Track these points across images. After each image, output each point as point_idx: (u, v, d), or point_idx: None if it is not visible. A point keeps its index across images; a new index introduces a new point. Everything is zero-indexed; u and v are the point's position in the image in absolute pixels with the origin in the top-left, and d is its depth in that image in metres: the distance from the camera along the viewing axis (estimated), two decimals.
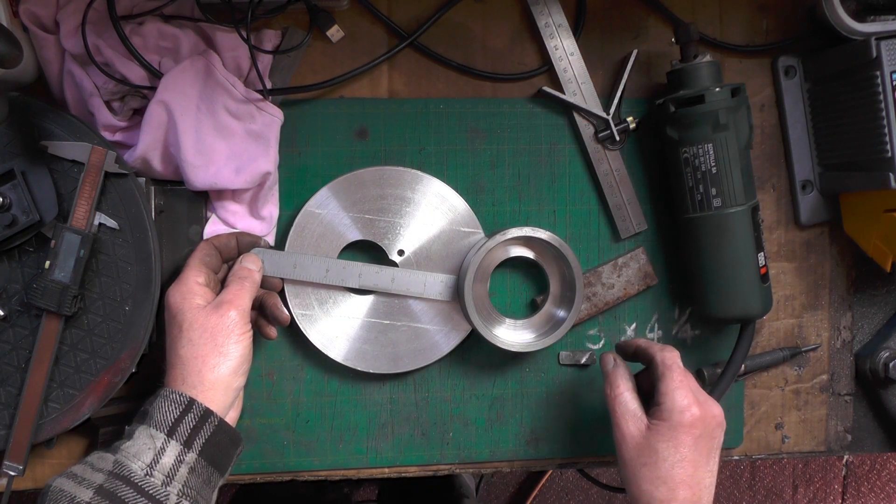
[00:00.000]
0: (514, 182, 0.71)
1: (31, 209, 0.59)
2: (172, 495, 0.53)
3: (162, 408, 0.55)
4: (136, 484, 0.52)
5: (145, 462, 0.53)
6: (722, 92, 0.63)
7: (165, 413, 0.55)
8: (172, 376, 0.58)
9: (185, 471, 0.54)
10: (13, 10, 0.60)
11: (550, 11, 0.68)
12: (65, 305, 0.59)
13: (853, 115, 0.66)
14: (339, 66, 0.68)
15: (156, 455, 0.53)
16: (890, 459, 1.75)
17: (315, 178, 0.68)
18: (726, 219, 0.65)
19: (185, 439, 0.54)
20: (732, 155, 0.64)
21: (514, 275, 0.72)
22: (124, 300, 0.62)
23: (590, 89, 0.70)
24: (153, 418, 0.55)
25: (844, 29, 0.66)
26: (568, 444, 0.74)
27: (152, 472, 0.53)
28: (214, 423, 0.56)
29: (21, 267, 0.61)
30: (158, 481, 0.53)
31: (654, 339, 0.74)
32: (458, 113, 0.70)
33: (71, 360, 0.61)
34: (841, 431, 0.77)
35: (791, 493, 1.74)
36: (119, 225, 0.61)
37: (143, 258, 0.62)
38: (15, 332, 0.61)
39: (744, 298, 0.67)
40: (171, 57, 0.63)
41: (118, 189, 0.61)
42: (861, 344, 0.77)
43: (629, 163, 0.71)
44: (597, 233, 0.72)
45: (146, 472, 0.53)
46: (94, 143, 0.60)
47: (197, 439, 0.55)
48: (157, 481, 0.53)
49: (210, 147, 0.62)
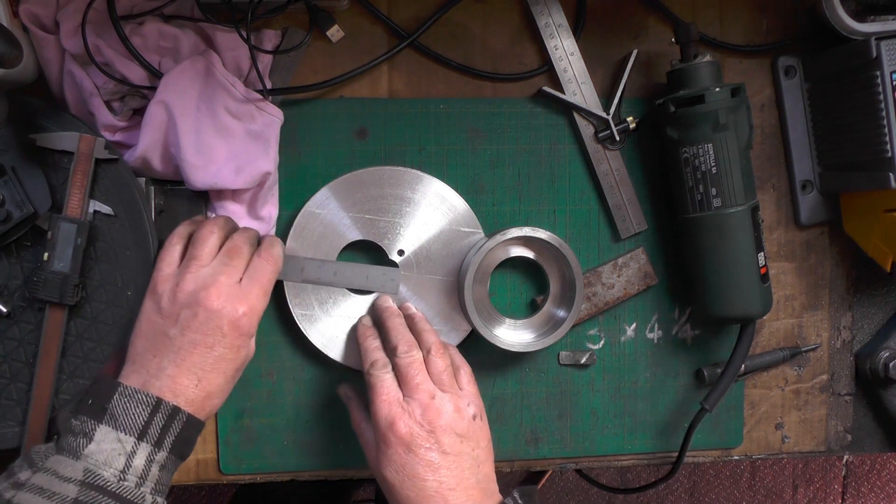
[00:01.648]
0: (514, 182, 0.71)
1: (24, 203, 0.59)
2: (147, 494, 0.52)
3: (129, 409, 0.53)
4: (113, 492, 0.51)
5: (117, 468, 0.52)
6: (722, 92, 0.63)
7: (133, 415, 0.53)
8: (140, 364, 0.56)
9: (156, 469, 0.53)
10: (13, 10, 0.60)
11: (550, 11, 0.68)
12: (67, 295, 0.59)
13: (853, 115, 0.66)
14: (339, 66, 0.68)
15: (127, 459, 0.52)
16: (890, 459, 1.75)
17: (315, 178, 0.68)
18: (726, 219, 0.65)
19: (155, 440, 0.53)
20: (732, 155, 0.64)
21: (514, 275, 0.72)
22: (125, 285, 0.62)
23: (590, 89, 0.70)
24: (118, 420, 0.53)
25: (844, 29, 0.66)
26: (568, 444, 0.74)
27: (125, 476, 0.52)
28: (183, 420, 0.54)
29: (20, 262, 0.61)
30: (132, 484, 0.52)
31: (654, 339, 0.74)
32: (458, 113, 0.70)
33: (78, 349, 0.62)
34: (841, 431, 0.77)
35: (791, 493, 1.74)
36: (114, 210, 0.61)
37: (141, 241, 0.62)
38: (20, 327, 0.61)
39: (744, 298, 0.67)
40: (171, 57, 0.63)
41: (109, 175, 0.61)
42: (861, 344, 0.77)
43: (629, 163, 0.71)
44: (597, 233, 0.72)
45: (119, 477, 0.52)
46: (82, 131, 0.60)
47: (167, 438, 0.54)
48: (131, 484, 0.52)
49: (210, 147, 0.62)
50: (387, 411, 0.58)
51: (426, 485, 0.56)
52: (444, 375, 0.60)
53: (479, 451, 0.59)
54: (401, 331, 0.63)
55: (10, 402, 0.61)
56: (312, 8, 0.66)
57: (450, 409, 0.58)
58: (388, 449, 0.57)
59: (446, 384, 0.60)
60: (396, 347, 0.61)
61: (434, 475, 0.56)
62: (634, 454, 0.75)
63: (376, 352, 0.62)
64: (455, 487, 0.57)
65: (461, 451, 0.58)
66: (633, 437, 0.74)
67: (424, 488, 0.56)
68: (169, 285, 0.57)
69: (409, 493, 0.56)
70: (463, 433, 0.58)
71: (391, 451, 0.57)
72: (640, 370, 0.74)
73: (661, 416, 0.74)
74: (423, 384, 0.59)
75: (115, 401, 0.53)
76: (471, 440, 0.59)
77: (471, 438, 0.59)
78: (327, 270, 0.66)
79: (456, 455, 0.58)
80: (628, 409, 0.74)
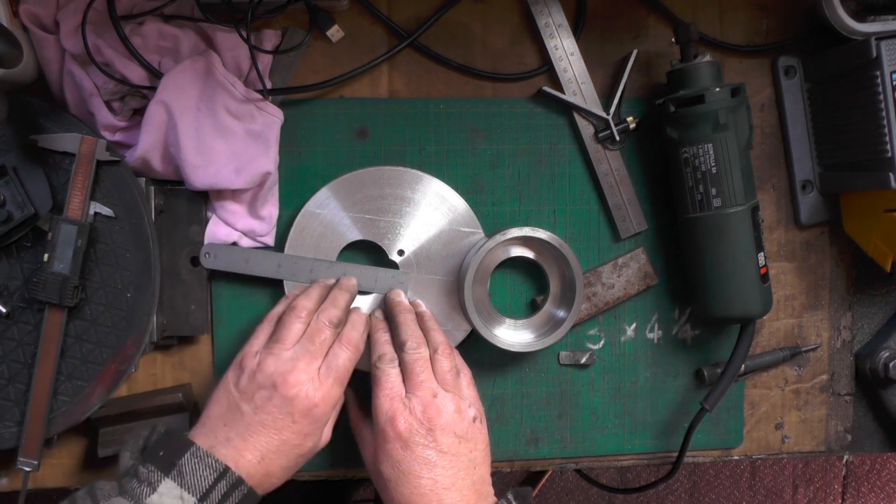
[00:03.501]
0: (514, 182, 0.71)
1: (25, 204, 0.59)
2: None
3: (197, 471, 0.54)
4: None
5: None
6: (722, 92, 0.63)
7: (200, 477, 0.54)
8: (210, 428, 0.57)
9: None
10: (13, 10, 0.60)
11: (550, 11, 0.68)
12: (66, 297, 0.59)
13: (853, 115, 0.66)
14: (339, 66, 0.68)
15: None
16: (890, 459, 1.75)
17: (315, 178, 0.68)
18: (726, 219, 0.65)
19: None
20: (732, 155, 0.64)
21: (514, 275, 0.72)
22: (125, 287, 0.62)
23: (590, 89, 0.70)
24: (184, 478, 0.53)
25: (844, 29, 0.66)
26: (568, 444, 0.74)
27: None
28: (244, 492, 0.55)
29: (20, 262, 0.61)
30: None
31: (654, 339, 0.74)
32: (458, 113, 0.70)
33: (77, 351, 0.62)
34: (841, 431, 0.77)
35: (791, 493, 1.74)
36: (114, 212, 0.61)
37: (141, 244, 0.62)
38: (19, 328, 0.62)
39: (744, 298, 0.67)
40: (171, 57, 0.63)
41: (111, 177, 0.61)
42: (861, 344, 0.77)
43: (629, 163, 0.71)
44: (597, 233, 0.72)
45: None
46: (84, 132, 0.60)
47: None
48: None
49: (210, 147, 0.62)
50: (388, 406, 0.58)
51: (421, 482, 0.56)
52: (449, 376, 0.60)
53: (477, 454, 0.59)
54: (411, 327, 0.63)
55: (9, 402, 0.61)
56: (312, 8, 0.66)
57: (451, 409, 0.58)
58: (386, 444, 0.57)
59: (450, 384, 0.60)
60: (405, 343, 0.61)
61: (429, 473, 0.56)
62: (634, 454, 0.75)
63: (385, 345, 0.62)
64: (450, 487, 0.57)
65: (458, 451, 0.58)
66: (633, 437, 0.74)
67: (419, 486, 0.56)
68: (252, 363, 0.58)
69: (403, 490, 0.56)
70: (462, 434, 0.58)
71: (389, 445, 0.57)
72: (640, 370, 0.74)
73: (661, 416, 0.74)
74: (426, 382, 0.59)
75: (185, 458, 0.54)
76: (469, 442, 0.59)
77: (469, 440, 0.59)
78: (336, 272, 0.67)
79: (453, 455, 0.57)
80: (628, 409, 0.74)
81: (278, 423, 0.57)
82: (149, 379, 0.68)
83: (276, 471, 0.58)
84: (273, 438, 0.57)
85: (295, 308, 0.61)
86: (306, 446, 0.59)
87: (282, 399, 0.57)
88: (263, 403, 0.57)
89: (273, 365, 0.57)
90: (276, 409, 0.56)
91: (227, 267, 0.66)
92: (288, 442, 0.57)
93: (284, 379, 0.57)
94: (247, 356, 0.59)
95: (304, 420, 0.57)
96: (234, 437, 0.56)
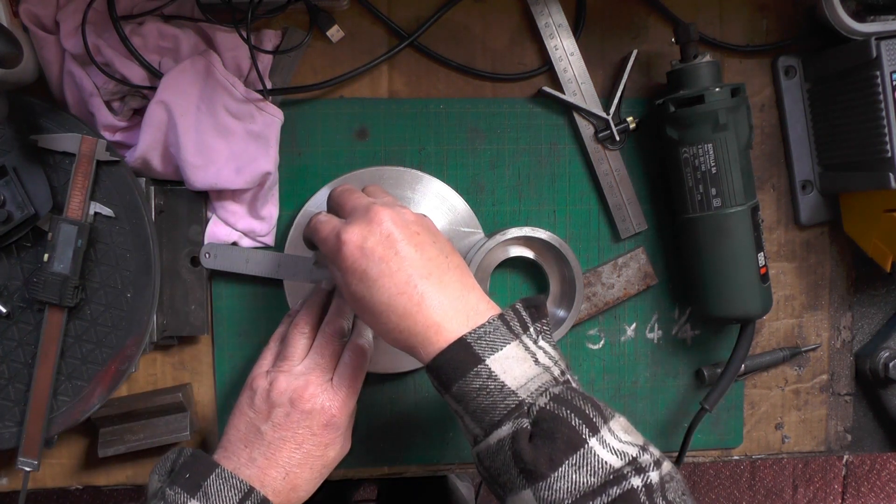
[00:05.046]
0: (514, 182, 0.71)
1: (25, 204, 0.59)
2: None
3: (222, 492, 0.54)
4: None
5: None
6: (722, 92, 0.63)
7: (225, 498, 0.54)
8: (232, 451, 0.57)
9: None
10: (13, 10, 0.60)
11: (550, 11, 0.68)
12: (66, 297, 0.59)
13: (853, 115, 0.66)
14: (339, 66, 0.68)
15: None
16: (890, 459, 1.75)
17: (315, 178, 0.68)
18: (726, 219, 0.65)
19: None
20: (732, 155, 0.64)
21: (514, 275, 0.72)
22: (125, 287, 0.62)
23: (590, 89, 0.70)
24: (210, 499, 0.54)
25: (844, 29, 0.66)
26: None
27: None
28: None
29: (20, 263, 0.61)
30: None
31: (654, 339, 0.74)
32: (458, 113, 0.70)
33: (77, 351, 0.62)
34: (841, 431, 0.77)
35: (791, 493, 1.74)
36: (114, 212, 0.61)
37: (141, 244, 0.62)
38: (19, 328, 0.61)
39: (744, 298, 0.67)
40: (171, 57, 0.63)
41: (111, 177, 0.61)
42: (861, 344, 0.77)
43: (629, 163, 0.71)
44: (597, 233, 0.72)
45: None
46: (84, 132, 0.60)
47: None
48: None
49: (210, 147, 0.62)
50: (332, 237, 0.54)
51: (395, 277, 0.51)
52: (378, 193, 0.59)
53: (443, 244, 0.55)
54: None
55: (8, 402, 0.61)
56: (312, 8, 0.66)
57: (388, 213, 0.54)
58: (344, 262, 0.53)
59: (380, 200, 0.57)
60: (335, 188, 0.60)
61: (399, 265, 0.52)
62: None
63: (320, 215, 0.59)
64: (428, 276, 0.52)
65: (422, 241, 0.53)
66: None
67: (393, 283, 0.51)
68: (263, 383, 0.59)
69: (381, 298, 0.52)
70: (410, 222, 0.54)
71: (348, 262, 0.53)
72: (640, 370, 0.74)
73: (661, 416, 0.74)
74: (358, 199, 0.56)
75: (210, 480, 0.54)
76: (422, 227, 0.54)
77: (422, 226, 0.54)
78: None
79: (416, 246, 0.53)
80: (628, 409, 0.74)
81: (298, 437, 0.57)
82: (149, 379, 0.68)
83: (302, 484, 0.58)
84: (295, 453, 0.57)
85: (297, 324, 0.61)
86: (329, 456, 0.59)
87: (300, 414, 0.57)
88: (282, 421, 0.57)
89: (286, 382, 0.58)
90: (296, 425, 0.57)
91: (227, 267, 0.66)
92: (310, 454, 0.58)
93: (300, 395, 0.57)
94: (257, 378, 0.60)
95: (324, 431, 0.58)
96: (258, 457, 0.57)
